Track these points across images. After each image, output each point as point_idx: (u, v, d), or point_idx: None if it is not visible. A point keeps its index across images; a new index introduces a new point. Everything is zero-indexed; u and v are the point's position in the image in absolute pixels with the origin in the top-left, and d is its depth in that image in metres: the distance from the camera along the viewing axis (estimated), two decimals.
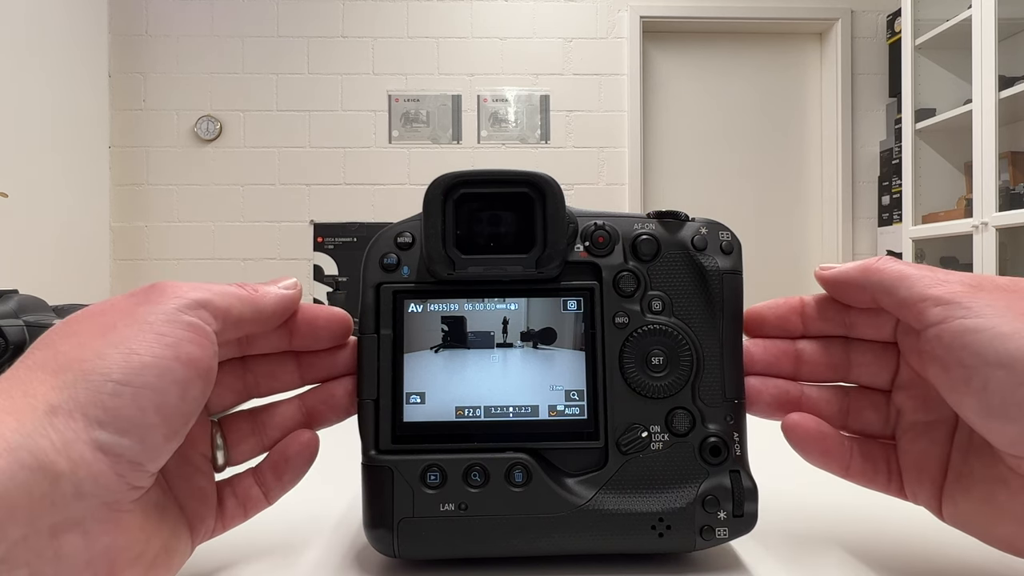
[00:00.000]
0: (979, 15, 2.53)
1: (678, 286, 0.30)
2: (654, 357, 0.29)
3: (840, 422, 0.30)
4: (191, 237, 3.40)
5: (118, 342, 0.22)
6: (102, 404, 0.21)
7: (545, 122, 3.44)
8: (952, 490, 0.27)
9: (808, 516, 0.35)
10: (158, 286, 0.25)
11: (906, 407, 0.29)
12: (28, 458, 0.19)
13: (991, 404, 0.24)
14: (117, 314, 0.24)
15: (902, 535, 0.32)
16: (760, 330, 0.31)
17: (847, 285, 0.29)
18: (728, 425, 0.29)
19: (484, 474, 0.28)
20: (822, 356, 0.30)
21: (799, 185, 3.62)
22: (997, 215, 2.49)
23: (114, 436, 0.21)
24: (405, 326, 0.29)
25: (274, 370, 0.30)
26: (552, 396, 0.29)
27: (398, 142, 3.43)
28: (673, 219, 0.30)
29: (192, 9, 3.40)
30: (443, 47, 3.44)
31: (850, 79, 3.51)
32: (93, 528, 0.21)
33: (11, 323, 0.50)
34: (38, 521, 0.19)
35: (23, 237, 2.67)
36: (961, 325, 0.24)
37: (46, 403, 0.20)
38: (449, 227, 0.29)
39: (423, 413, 0.29)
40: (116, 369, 0.22)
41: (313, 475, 0.30)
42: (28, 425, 0.20)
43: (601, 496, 0.28)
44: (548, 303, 0.30)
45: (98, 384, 0.21)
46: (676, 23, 3.51)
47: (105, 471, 0.21)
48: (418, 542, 0.28)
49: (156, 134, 3.39)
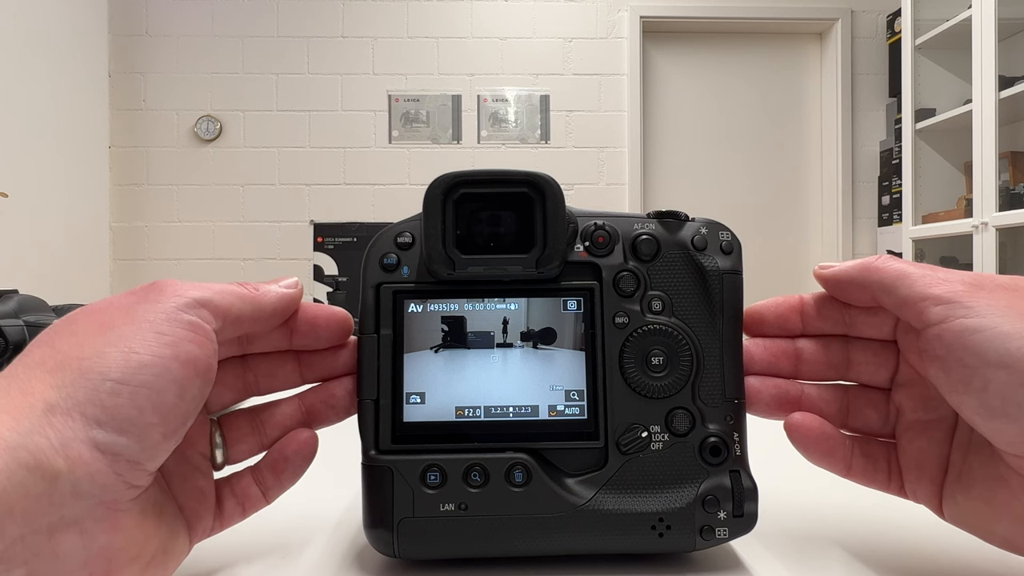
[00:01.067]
0: (979, 15, 2.53)
1: (678, 286, 0.30)
2: (654, 357, 0.29)
3: (840, 421, 0.30)
4: (191, 237, 3.40)
5: (117, 340, 0.22)
6: (100, 403, 0.21)
7: (545, 122, 3.44)
8: (952, 489, 0.27)
9: (808, 516, 0.35)
10: (158, 284, 0.25)
11: (905, 406, 0.29)
12: (26, 457, 0.19)
13: (992, 404, 0.24)
14: (116, 312, 0.24)
15: (902, 535, 0.32)
16: (759, 329, 0.31)
17: (847, 284, 0.29)
18: (728, 425, 0.29)
19: (484, 474, 0.28)
20: (822, 355, 0.30)
21: (799, 185, 3.62)
22: (997, 215, 2.49)
23: (112, 435, 0.21)
24: (405, 326, 0.29)
25: (274, 369, 0.30)
26: (552, 396, 0.29)
27: (398, 142, 3.43)
28: (673, 219, 0.30)
29: (192, 9, 3.39)
30: (443, 47, 3.44)
31: (850, 79, 3.51)
32: (91, 527, 0.21)
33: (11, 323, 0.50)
34: (36, 520, 0.19)
35: (23, 237, 2.67)
36: (962, 324, 0.24)
37: (44, 402, 0.20)
38: (449, 227, 0.29)
39: (423, 413, 0.29)
40: (114, 368, 0.21)
41: (313, 475, 0.30)
42: (26, 424, 0.20)
43: (601, 496, 0.28)
44: (548, 303, 0.30)
45: (96, 383, 0.21)
46: (676, 23, 3.51)
47: (103, 470, 0.21)
48: (418, 542, 0.28)
49: (156, 134, 3.39)
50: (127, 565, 0.22)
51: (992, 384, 0.23)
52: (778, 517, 0.34)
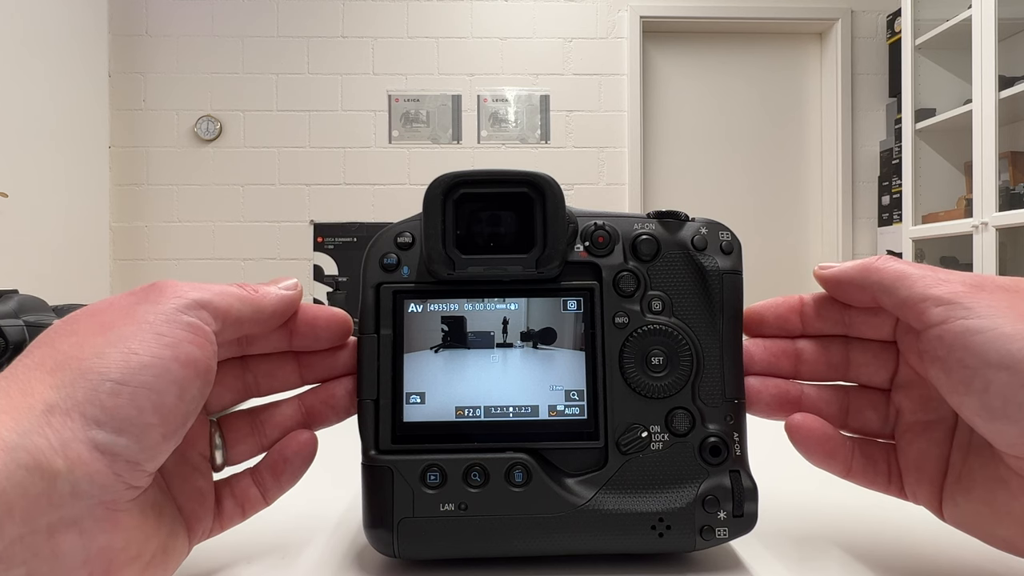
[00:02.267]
0: (979, 15, 2.53)
1: (678, 286, 0.30)
2: (654, 357, 0.29)
3: (840, 421, 0.30)
4: (191, 237, 3.40)
5: (117, 341, 0.22)
6: (100, 403, 0.21)
7: (545, 122, 3.44)
8: (952, 491, 0.27)
9: (808, 516, 0.35)
10: (158, 285, 0.25)
11: (905, 407, 0.29)
12: (25, 457, 0.19)
13: (992, 405, 0.24)
14: (116, 313, 0.24)
15: (902, 535, 0.32)
16: (759, 330, 0.31)
17: (846, 284, 0.29)
18: (728, 425, 0.29)
19: (484, 474, 0.28)
20: (821, 355, 0.30)
21: (799, 185, 3.62)
22: (997, 215, 2.49)
23: (111, 435, 0.21)
24: (405, 326, 0.29)
25: (274, 370, 0.30)
26: (552, 396, 0.29)
27: (398, 142, 3.43)
28: (673, 219, 0.30)
29: (192, 9, 3.39)
30: (443, 47, 3.44)
31: (850, 79, 3.51)
32: (90, 527, 0.21)
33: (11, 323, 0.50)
34: (35, 520, 0.19)
35: (23, 237, 2.67)
36: (962, 326, 0.24)
37: (44, 402, 0.20)
38: (449, 227, 0.29)
39: (423, 413, 0.29)
40: (114, 368, 0.22)
41: (313, 475, 0.30)
42: (25, 424, 0.20)
43: (601, 496, 0.28)
44: (548, 303, 0.30)
45: (96, 383, 0.21)
46: (676, 23, 3.51)
47: (102, 470, 0.21)
48: (418, 542, 0.28)
49: (156, 134, 3.39)
50: (127, 565, 0.22)
51: (993, 385, 0.23)
52: (778, 517, 0.34)
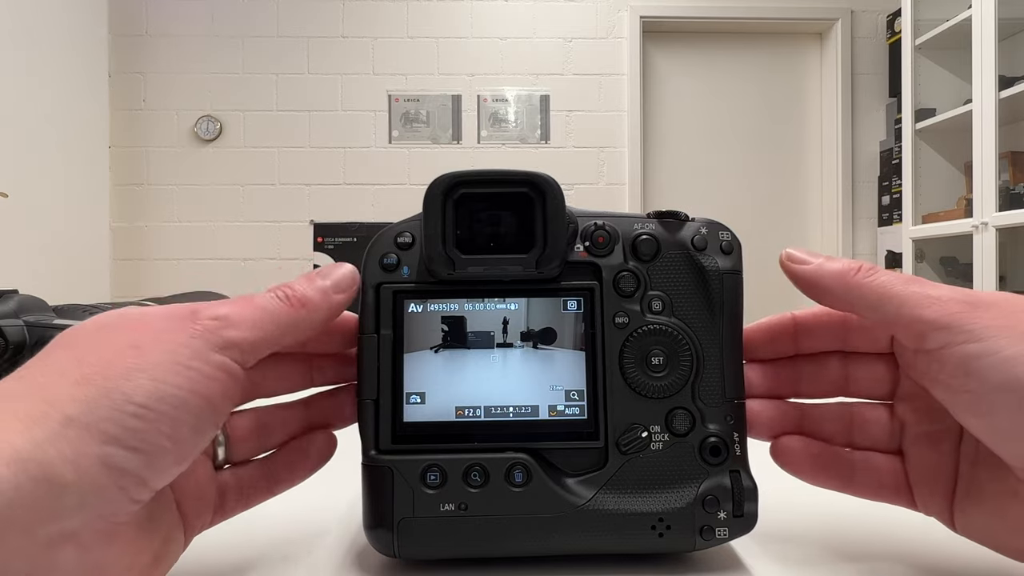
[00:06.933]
0: (979, 15, 2.53)
1: (678, 286, 0.30)
2: (654, 357, 0.29)
3: (845, 438, 0.30)
4: (191, 237, 3.40)
5: (145, 367, 0.22)
6: (120, 422, 0.21)
7: (545, 122, 3.44)
8: (963, 503, 0.27)
9: (808, 516, 0.35)
10: (194, 311, 0.24)
11: (909, 418, 0.29)
12: (35, 469, 0.19)
13: (1000, 427, 0.23)
14: (148, 335, 0.23)
15: (902, 535, 0.32)
16: (753, 355, 0.31)
17: (822, 292, 0.27)
18: (728, 425, 0.29)
19: (484, 474, 0.28)
20: (819, 373, 0.30)
21: (799, 185, 3.62)
22: (997, 215, 2.49)
23: (124, 452, 0.21)
24: (405, 326, 0.29)
25: (284, 370, 0.30)
26: (552, 396, 0.29)
27: (398, 142, 3.43)
28: (673, 219, 0.30)
29: (192, 9, 3.39)
30: (443, 47, 3.44)
31: (850, 79, 3.51)
32: (88, 541, 0.21)
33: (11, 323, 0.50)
34: (36, 532, 0.19)
35: (23, 237, 2.67)
36: (963, 351, 0.24)
37: (63, 414, 0.21)
38: (449, 227, 0.29)
39: (423, 413, 0.29)
40: (139, 393, 0.22)
41: (313, 475, 0.30)
42: (39, 434, 0.20)
43: (601, 496, 0.28)
44: (548, 303, 0.30)
45: (120, 403, 0.21)
46: (676, 23, 3.50)
47: (109, 484, 0.21)
48: (418, 542, 0.28)
49: (156, 134, 3.39)
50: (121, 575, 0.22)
51: (998, 407, 0.23)
52: (778, 517, 0.34)
